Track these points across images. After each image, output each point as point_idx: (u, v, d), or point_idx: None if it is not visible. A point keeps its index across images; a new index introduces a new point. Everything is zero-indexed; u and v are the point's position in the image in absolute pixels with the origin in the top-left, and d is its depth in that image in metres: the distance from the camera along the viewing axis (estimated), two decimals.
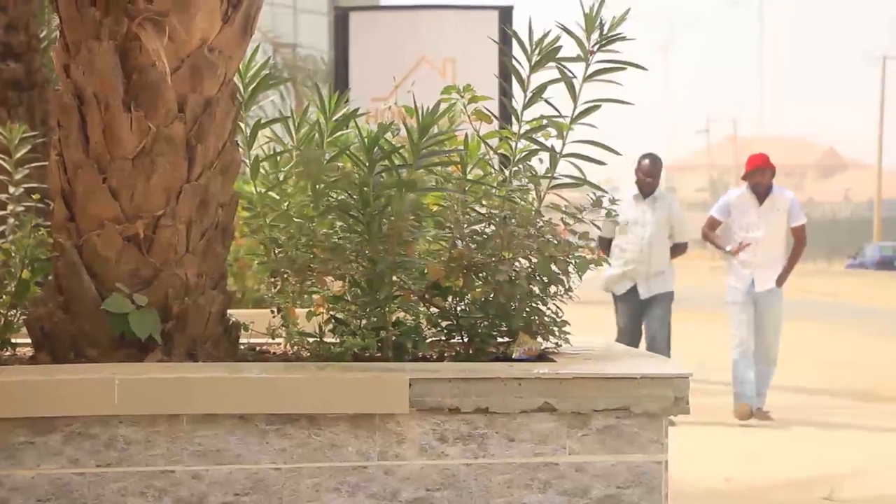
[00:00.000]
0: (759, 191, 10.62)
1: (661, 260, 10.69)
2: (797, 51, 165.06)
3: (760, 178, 10.61)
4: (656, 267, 10.66)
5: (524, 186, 3.89)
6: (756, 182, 10.63)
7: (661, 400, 3.35)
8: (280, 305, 3.87)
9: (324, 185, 3.82)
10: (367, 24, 10.31)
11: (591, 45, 3.82)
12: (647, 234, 10.63)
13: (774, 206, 10.62)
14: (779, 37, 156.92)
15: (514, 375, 3.32)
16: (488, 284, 3.75)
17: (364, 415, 3.27)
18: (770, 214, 10.60)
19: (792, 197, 10.82)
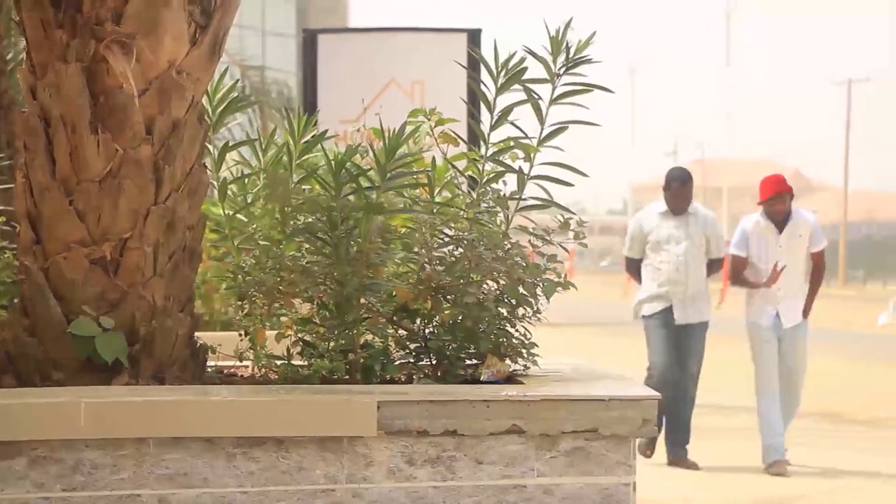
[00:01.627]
0: (778, 218, 9.41)
1: (699, 280, 9.61)
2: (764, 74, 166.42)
3: (780, 205, 9.38)
4: (693, 287, 9.55)
5: (492, 209, 3.90)
6: (776, 210, 9.39)
7: (629, 422, 3.36)
8: (248, 328, 3.86)
9: (292, 207, 3.82)
10: (335, 47, 10.31)
11: (558, 68, 3.84)
12: (681, 251, 9.56)
13: (796, 232, 9.45)
14: (746, 60, 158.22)
15: (483, 398, 3.32)
16: (457, 307, 3.75)
17: (332, 438, 3.26)
18: (791, 242, 9.44)
19: (813, 220, 9.68)
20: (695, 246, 9.59)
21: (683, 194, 9.61)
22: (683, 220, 9.62)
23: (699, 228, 9.63)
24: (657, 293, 9.60)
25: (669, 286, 9.55)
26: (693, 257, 9.58)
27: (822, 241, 9.64)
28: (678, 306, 9.55)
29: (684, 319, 9.57)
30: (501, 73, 3.85)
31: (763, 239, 9.45)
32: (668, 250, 9.57)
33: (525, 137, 3.89)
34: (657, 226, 9.65)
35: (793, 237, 9.43)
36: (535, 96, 3.86)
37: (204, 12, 3.73)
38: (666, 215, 9.65)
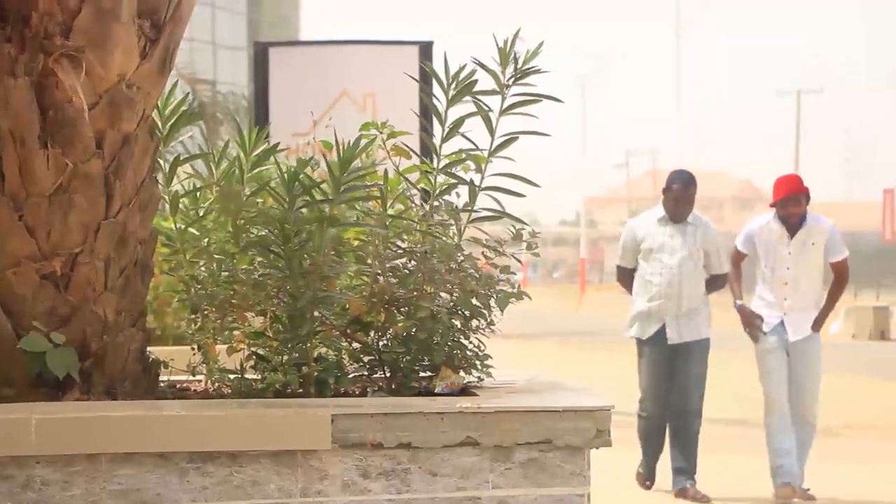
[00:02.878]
0: (792, 222, 8.49)
1: (694, 295, 8.68)
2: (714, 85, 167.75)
3: (795, 207, 8.45)
4: (688, 303, 8.64)
5: (445, 221, 3.90)
6: (790, 213, 8.47)
7: (583, 432, 3.36)
8: (200, 342, 3.84)
9: (244, 220, 3.81)
10: (286, 60, 10.30)
11: (507, 79, 3.85)
12: (675, 262, 8.67)
13: (808, 240, 8.53)
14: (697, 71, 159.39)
15: (437, 410, 3.32)
16: (410, 319, 3.75)
17: (286, 451, 3.25)
18: (803, 249, 8.52)
19: (831, 227, 8.64)
20: (692, 258, 8.69)
21: (685, 199, 8.71)
22: (681, 229, 8.72)
23: (698, 239, 8.74)
24: (648, 310, 8.73)
25: (661, 301, 8.67)
26: (689, 270, 8.66)
27: (843, 251, 8.67)
28: (671, 325, 8.67)
29: (678, 339, 8.67)
30: (452, 86, 3.86)
31: (772, 243, 8.58)
32: (660, 261, 8.69)
33: (476, 149, 3.90)
34: (652, 233, 8.77)
35: (805, 245, 8.52)
36: (485, 108, 3.87)
37: (154, 26, 3.72)
38: (663, 222, 8.78)
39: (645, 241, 8.77)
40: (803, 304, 8.56)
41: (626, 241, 8.97)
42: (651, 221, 8.86)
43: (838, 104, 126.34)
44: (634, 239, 8.86)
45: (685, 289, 8.64)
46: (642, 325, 8.77)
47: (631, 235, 8.90)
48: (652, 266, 8.71)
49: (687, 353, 8.65)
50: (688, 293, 8.63)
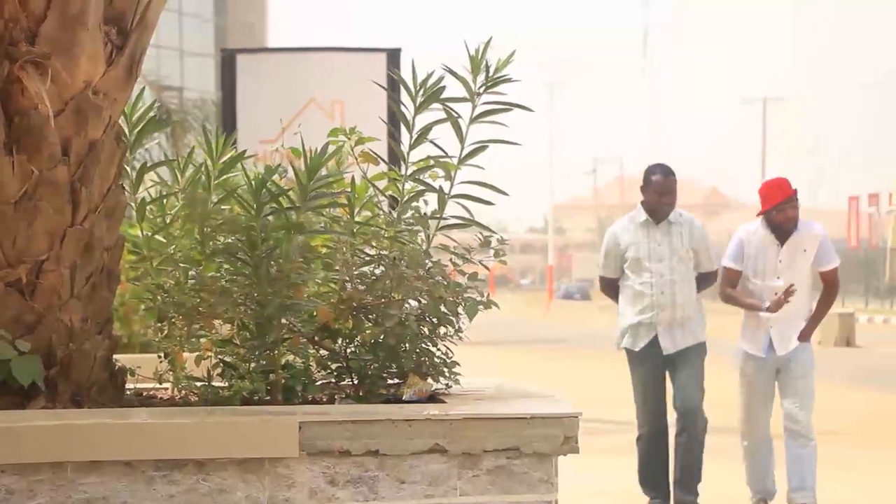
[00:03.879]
0: (786, 227, 7.81)
1: (688, 300, 8.01)
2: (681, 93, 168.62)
3: (793, 210, 7.80)
4: (682, 311, 7.98)
5: (413, 228, 3.90)
6: (788, 217, 7.80)
7: (551, 440, 3.37)
8: (167, 350, 3.83)
9: (211, 228, 3.79)
10: (254, 66, 10.28)
11: (478, 87, 3.86)
12: (665, 269, 7.97)
13: (800, 247, 7.87)
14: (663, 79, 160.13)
15: (405, 417, 3.32)
16: (378, 326, 3.75)
17: (253, 459, 3.24)
18: (794, 257, 7.87)
19: (823, 234, 8.05)
20: (682, 262, 8.01)
21: (667, 189, 8.00)
22: (666, 232, 8.01)
23: (685, 240, 8.03)
24: (639, 321, 8.01)
25: (654, 312, 7.97)
26: (681, 276, 7.99)
27: (835, 259, 8.03)
28: (665, 334, 8.00)
29: (674, 347, 8.01)
30: (420, 93, 3.86)
31: (761, 251, 7.91)
32: (650, 270, 7.98)
33: (445, 156, 3.90)
34: (636, 240, 8.04)
35: (796, 252, 7.87)
36: (454, 115, 3.87)
37: (120, 32, 3.71)
38: (646, 226, 8.05)
39: (630, 250, 8.04)
40: (792, 314, 7.90)
41: (608, 249, 8.19)
42: (633, 227, 8.10)
43: (804, 112, 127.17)
44: (618, 246, 8.11)
45: (679, 297, 7.99)
46: (634, 336, 8.08)
47: (613, 243, 8.14)
48: (641, 276, 8.01)
49: (683, 358, 8.02)
50: (682, 301, 7.99)
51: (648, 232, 8.04)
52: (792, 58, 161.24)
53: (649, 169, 8.11)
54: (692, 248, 8.03)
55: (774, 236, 7.87)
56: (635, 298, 8.04)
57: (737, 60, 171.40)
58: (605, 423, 11.86)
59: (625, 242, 8.07)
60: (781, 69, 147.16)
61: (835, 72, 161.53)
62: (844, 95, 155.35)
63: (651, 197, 8.01)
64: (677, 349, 8.01)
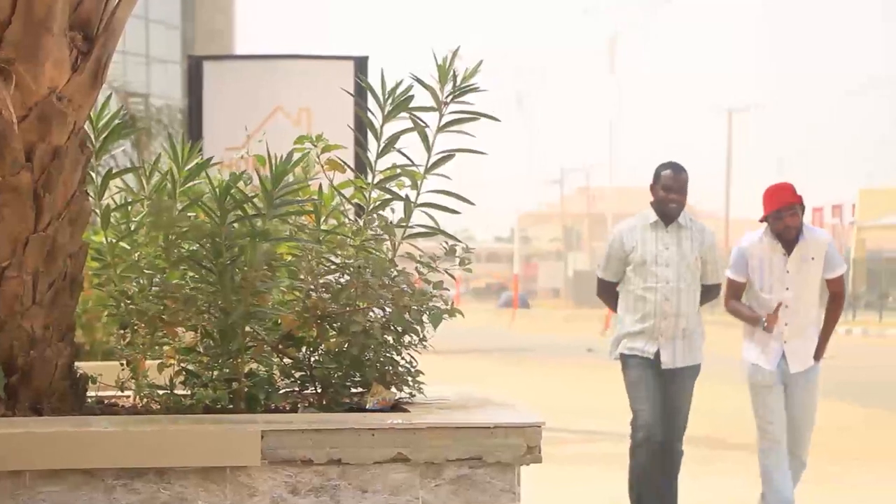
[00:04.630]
0: (789, 236, 7.31)
1: (691, 312, 7.42)
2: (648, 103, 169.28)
3: (792, 219, 7.27)
4: (685, 322, 7.38)
5: (379, 236, 3.90)
6: (788, 225, 7.28)
7: (513, 449, 3.37)
8: (130, 357, 3.81)
9: (175, 235, 3.78)
10: (221, 73, 10.25)
11: (445, 96, 3.86)
12: (672, 275, 7.36)
13: (807, 254, 7.37)
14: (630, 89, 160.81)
15: (368, 426, 3.31)
16: (342, 335, 3.74)
17: (215, 467, 3.22)
18: (802, 266, 7.36)
19: (829, 240, 7.62)
20: (689, 269, 7.41)
21: (678, 187, 7.41)
22: (676, 236, 7.42)
23: (695, 246, 7.45)
24: (640, 330, 7.39)
25: (656, 320, 7.35)
26: (687, 284, 7.40)
27: (841, 265, 7.60)
28: (666, 346, 7.38)
29: (672, 363, 7.40)
30: (388, 101, 3.86)
31: (767, 262, 7.39)
32: (655, 274, 7.37)
33: (412, 165, 3.91)
34: (642, 241, 7.42)
35: (804, 260, 7.37)
36: (421, 124, 3.87)
37: (86, 38, 3.69)
38: (655, 228, 7.43)
39: (635, 251, 7.40)
40: (803, 329, 7.43)
41: (612, 249, 7.53)
42: (641, 227, 7.46)
43: (769, 123, 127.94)
44: (622, 248, 7.46)
45: (683, 306, 7.38)
46: (633, 343, 7.44)
47: (618, 244, 7.49)
48: (645, 280, 7.38)
49: (678, 378, 7.45)
50: (686, 311, 7.38)
51: (657, 234, 7.43)
52: (757, 69, 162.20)
53: (660, 165, 7.50)
54: (700, 257, 7.47)
55: (781, 244, 7.35)
56: (636, 304, 7.43)
57: (704, 71, 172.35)
58: (570, 433, 11.89)
59: (630, 243, 7.44)
60: (747, 80, 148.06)
61: (800, 83, 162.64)
62: (810, 106, 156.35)
63: (659, 194, 7.41)
64: (675, 366, 7.41)
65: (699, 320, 7.53)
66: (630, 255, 7.42)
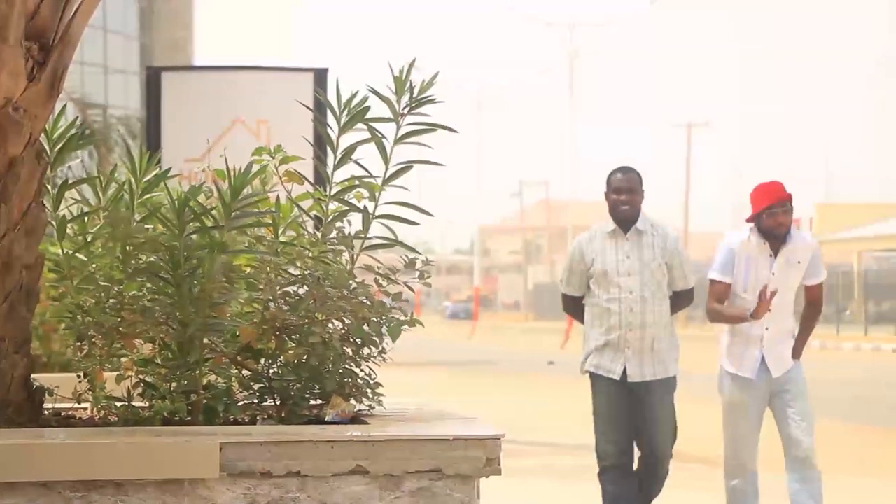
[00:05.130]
0: (778, 233, 6.92)
1: (659, 321, 7.01)
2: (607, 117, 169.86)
3: (785, 216, 6.93)
4: (653, 332, 6.97)
5: (337, 248, 3.89)
6: (779, 223, 6.91)
7: (473, 461, 3.37)
8: (87, 369, 3.79)
9: (133, 246, 3.76)
10: (179, 84, 10.23)
11: (402, 108, 3.87)
12: (635, 284, 6.97)
13: (794, 258, 7.00)
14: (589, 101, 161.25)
15: (327, 438, 3.30)
16: (301, 346, 3.73)
17: (173, 480, 3.20)
18: (788, 269, 7.00)
19: (816, 245, 7.28)
20: (653, 277, 7.01)
21: (629, 187, 7.04)
22: (636, 243, 7.04)
23: (657, 252, 7.05)
24: (605, 342, 6.98)
25: (621, 332, 6.94)
26: (652, 293, 6.99)
27: (822, 272, 7.22)
28: (633, 359, 6.95)
29: (640, 376, 6.95)
30: (344, 113, 3.86)
31: (753, 262, 6.99)
32: (618, 284, 6.98)
33: (370, 177, 3.90)
34: (602, 252, 7.04)
35: (790, 263, 7.01)
36: (379, 136, 3.87)
37: (42, 48, 3.67)
38: (614, 236, 7.05)
39: (596, 263, 7.02)
40: (782, 333, 7.05)
41: (572, 262, 7.18)
42: (600, 237, 7.10)
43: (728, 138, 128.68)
44: (583, 260, 7.07)
45: (649, 316, 6.98)
46: (598, 359, 7.03)
47: (578, 256, 7.11)
48: (608, 291, 7.00)
49: (650, 392, 7.00)
50: (652, 321, 6.98)
51: (617, 243, 7.05)
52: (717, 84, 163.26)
53: (611, 172, 7.16)
54: (665, 263, 7.05)
55: (768, 245, 6.97)
56: (601, 317, 7.03)
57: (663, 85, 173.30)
58: (530, 446, 11.89)
59: (590, 255, 7.06)
60: (707, 95, 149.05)
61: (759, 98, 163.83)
62: (768, 121, 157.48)
63: (611, 198, 7.04)
64: (644, 379, 6.96)
65: (671, 330, 7.13)
66: (591, 268, 7.07)
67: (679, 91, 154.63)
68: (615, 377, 6.93)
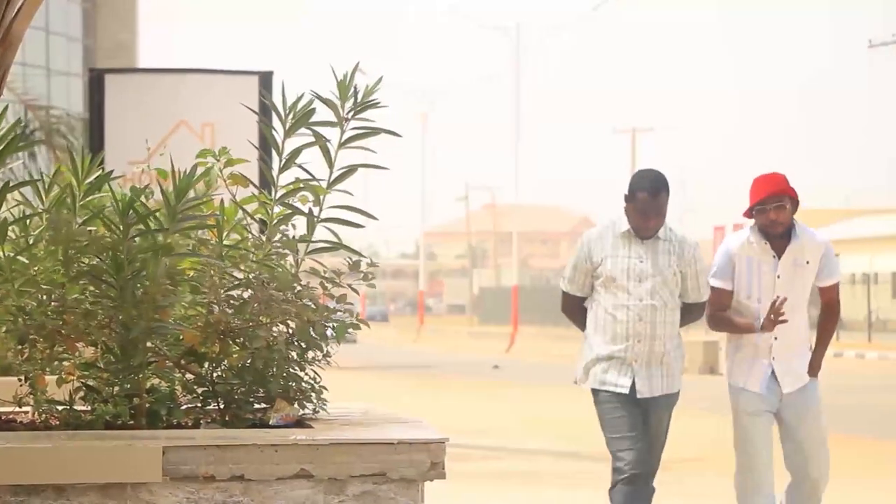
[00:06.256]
0: (774, 232, 6.24)
1: (670, 334, 6.32)
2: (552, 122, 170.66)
3: (777, 213, 6.20)
4: (661, 346, 6.29)
5: (281, 251, 3.89)
6: (771, 220, 6.22)
7: (417, 465, 3.37)
8: (28, 373, 3.75)
9: (75, 249, 3.74)
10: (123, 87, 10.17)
11: (346, 112, 3.87)
12: (645, 291, 6.28)
13: (801, 258, 6.30)
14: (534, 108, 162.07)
15: (271, 442, 3.30)
16: (246, 350, 3.72)
17: (115, 484, 3.19)
18: (795, 272, 6.30)
19: (826, 242, 6.47)
20: (666, 285, 6.32)
21: (654, 210, 6.25)
22: (651, 248, 6.34)
23: (674, 259, 6.34)
24: (610, 354, 6.27)
25: (628, 343, 6.24)
26: (664, 302, 6.30)
27: (836, 272, 6.54)
28: (641, 373, 6.26)
29: (650, 392, 6.27)
30: (289, 116, 3.86)
31: (754, 265, 6.33)
32: (627, 290, 6.27)
33: (315, 180, 3.90)
34: (613, 253, 6.33)
35: (797, 264, 6.31)
36: (323, 139, 3.87)
37: None
38: (627, 238, 6.33)
39: (605, 264, 6.31)
40: (796, 342, 6.36)
41: (578, 259, 6.41)
42: (612, 236, 6.37)
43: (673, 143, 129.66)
44: (590, 259, 6.35)
45: (659, 328, 6.30)
46: (603, 372, 6.31)
47: (585, 254, 6.38)
48: (615, 297, 6.30)
49: (656, 407, 6.35)
50: (662, 333, 6.31)
51: (630, 245, 6.33)
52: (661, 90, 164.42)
53: (635, 180, 6.38)
54: (680, 271, 6.36)
55: (770, 245, 6.29)
56: (606, 325, 6.33)
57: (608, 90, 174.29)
58: (474, 450, 11.91)
59: (599, 255, 6.33)
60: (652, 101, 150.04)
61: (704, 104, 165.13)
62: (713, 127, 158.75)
63: (635, 218, 6.29)
64: (653, 395, 6.30)
65: (679, 342, 6.44)
66: (599, 268, 6.34)
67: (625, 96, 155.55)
68: (624, 391, 6.23)
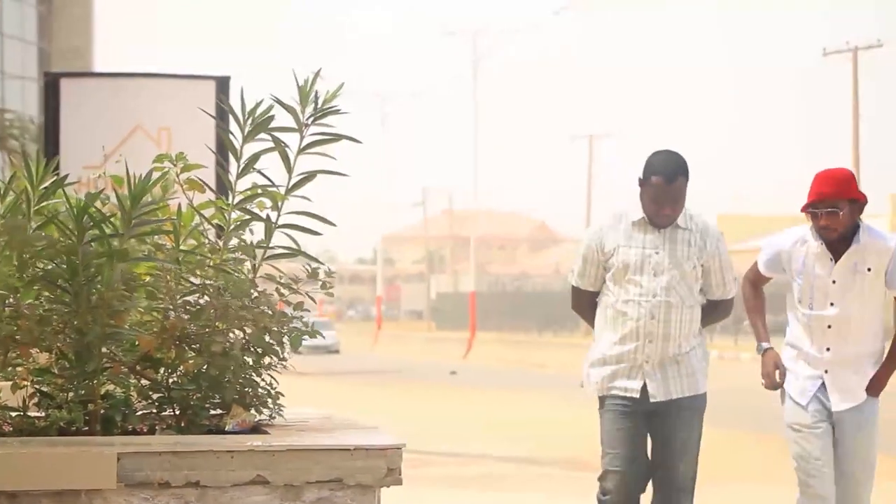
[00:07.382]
0: (828, 238, 5.61)
1: (686, 334, 5.68)
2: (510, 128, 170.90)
3: (829, 219, 5.55)
4: (677, 347, 5.66)
5: (239, 257, 3.88)
6: (822, 226, 5.59)
7: (374, 471, 3.37)
8: None
9: (29, 254, 3.71)
10: (79, 91, 10.10)
11: (306, 118, 3.86)
12: (660, 286, 5.62)
13: (862, 264, 5.64)
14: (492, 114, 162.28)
15: (227, 448, 3.29)
16: (202, 356, 3.70)
17: (70, 491, 3.17)
18: (854, 278, 5.64)
19: (894, 247, 5.67)
20: (684, 280, 5.67)
21: (670, 197, 5.61)
22: (670, 237, 5.70)
23: (693, 251, 5.69)
24: (619, 355, 5.67)
25: (638, 343, 5.63)
26: (681, 298, 5.66)
27: None
28: (653, 376, 5.63)
29: (665, 394, 5.63)
30: (248, 122, 3.85)
31: (810, 268, 5.69)
32: (638, 283, 5.64)
33: (273, 186, 3.89)
34: (626, 243, 5.70)
35: (856, 271, 5.65)
36: (282, 145, 3.87)
37: None
38: (641, 227, 5.70)
39: (616, 255, 5.69)
40: (853, 356, 5.71)
41: (588, 251, 5.80)
42: (625, 225, 5.75)
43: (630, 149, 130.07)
44: (601, 250, 5.74)
45: (674, 327, 5.66)
46: (607, 373, 5.70)
47: (596, 245, 5.77)
48: (626, 291, 5.68)
49: (673, 412, 5.67)
50: (677, 333, 5.67)
51: (645, 234, 5.71)
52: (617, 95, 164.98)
53: (650, 164, 5.68)
54: (702, 265, 5.72)
55: (825, 247, 5.65)
56: (615, 321, 5.72)
57: (566, 96, 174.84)
58: (431, 455, 11.91)
59: (611, 245, 5.72)
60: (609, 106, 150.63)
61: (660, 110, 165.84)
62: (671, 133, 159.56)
63: (648, 205, 5.68)
64: (670, 398, 5.65)
65: (700, 340, 5.80)
66: (610, 259, 5.73)
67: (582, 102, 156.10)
68: (634, 395, 5.65)
